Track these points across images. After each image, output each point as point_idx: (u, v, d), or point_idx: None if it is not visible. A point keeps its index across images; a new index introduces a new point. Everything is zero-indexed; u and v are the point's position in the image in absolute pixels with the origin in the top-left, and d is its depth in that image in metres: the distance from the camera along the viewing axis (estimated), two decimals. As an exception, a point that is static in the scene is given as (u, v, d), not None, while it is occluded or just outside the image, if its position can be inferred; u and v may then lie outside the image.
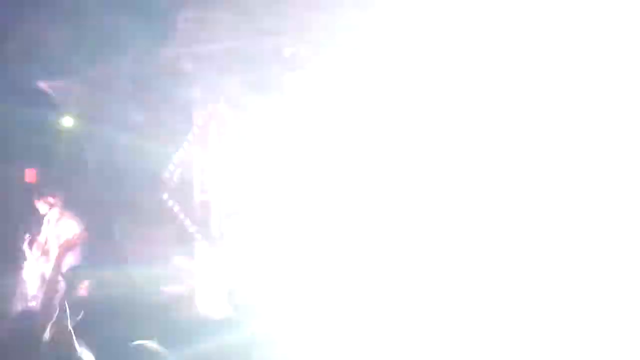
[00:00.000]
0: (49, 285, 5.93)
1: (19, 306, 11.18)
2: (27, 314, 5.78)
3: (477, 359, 9.19)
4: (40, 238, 11.74)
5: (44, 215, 11.91)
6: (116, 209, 13.34)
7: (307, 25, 11.44)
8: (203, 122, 13.28)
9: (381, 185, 11.17)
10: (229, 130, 13.38)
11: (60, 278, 6.61)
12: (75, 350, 5.00)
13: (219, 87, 12.87)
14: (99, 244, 11.35)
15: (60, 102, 13.18)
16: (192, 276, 12.49)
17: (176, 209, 13.22)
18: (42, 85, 12.77)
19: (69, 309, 5.13)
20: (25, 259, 11.65)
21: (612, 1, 9.60)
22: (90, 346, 5.08)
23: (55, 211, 11.88)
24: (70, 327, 5.09)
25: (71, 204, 12.10)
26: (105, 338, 5.23)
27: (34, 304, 10.88)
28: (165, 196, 13.21)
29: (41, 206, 11.89)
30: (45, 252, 11.60)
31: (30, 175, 13.50)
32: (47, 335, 5.12)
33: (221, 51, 12.43)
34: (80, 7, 11.42)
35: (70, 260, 10.12)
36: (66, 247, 7.12)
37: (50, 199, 11.87)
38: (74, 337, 5.07)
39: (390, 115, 11.27)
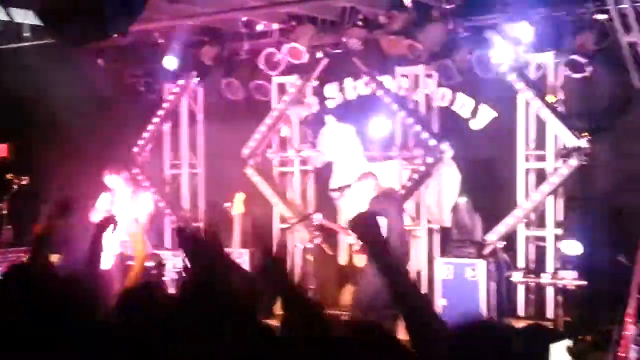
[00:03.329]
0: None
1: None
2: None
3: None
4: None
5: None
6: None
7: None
8: (174, 96, 13.28)
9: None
10: (200, 104, 13.41)
11: None
12: None
13: (191, 62, 12.86)
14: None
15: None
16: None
17: (146, 183, 13.21)
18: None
19: None
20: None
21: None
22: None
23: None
24: None
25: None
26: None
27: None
28: (135, 170, 13.20)
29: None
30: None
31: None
32: None
33: (194, 26, 12.42)
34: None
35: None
36: None
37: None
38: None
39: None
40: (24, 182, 12.27)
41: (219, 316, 4.33)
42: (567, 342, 9.05)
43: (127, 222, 10.84)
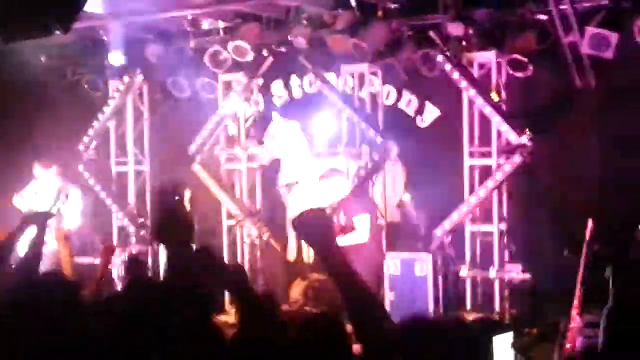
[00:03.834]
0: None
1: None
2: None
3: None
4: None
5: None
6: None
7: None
8: (120, 93, 13.24)
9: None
10: (146, 101, 13.40)
11: None
12: None
13: (137, 58, 12.86)
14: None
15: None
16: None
17: (92, 181, 13.23)
18: None
19: None
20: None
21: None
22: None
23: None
24: None
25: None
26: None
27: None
28: (80, 168, 13.22)
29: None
30: None
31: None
32: None
33: (140, 23, 12.43)
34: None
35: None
36: None
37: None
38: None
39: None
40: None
41: (168, 315, 4.38)
42: (510, 335, 9.26)
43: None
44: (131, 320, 4.23)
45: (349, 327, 4.08)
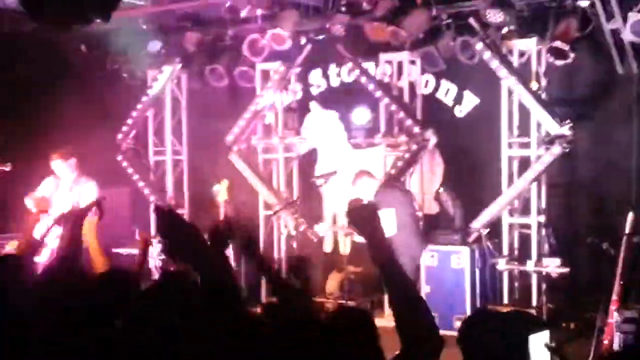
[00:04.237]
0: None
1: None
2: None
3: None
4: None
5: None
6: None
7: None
8: (158, 82, 13.19)
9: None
10: (184, 90, 13.35)
11: None
12: None
13: (175, 48, 12.79)
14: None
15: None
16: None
17: (130, 170, 13.19)
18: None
19: None
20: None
21: None
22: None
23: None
24: None
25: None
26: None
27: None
28: (118, 157, 13.19)
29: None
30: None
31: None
32: None
33: (177, 12, 12.37)
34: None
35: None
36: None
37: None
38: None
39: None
40: (6, 169, 12.16)
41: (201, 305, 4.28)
42: (546, 333, 8.95)
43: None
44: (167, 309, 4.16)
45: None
